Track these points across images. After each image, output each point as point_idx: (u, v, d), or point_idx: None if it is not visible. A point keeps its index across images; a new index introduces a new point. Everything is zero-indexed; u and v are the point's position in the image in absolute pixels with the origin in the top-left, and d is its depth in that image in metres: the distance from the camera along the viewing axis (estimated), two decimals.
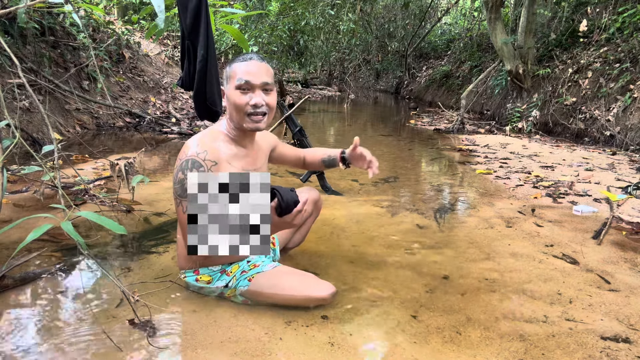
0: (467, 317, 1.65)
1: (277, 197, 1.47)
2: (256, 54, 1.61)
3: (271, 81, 1.60)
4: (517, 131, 6.73)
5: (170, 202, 2.83)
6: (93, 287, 1.76)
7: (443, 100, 10.70)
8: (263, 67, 1.58)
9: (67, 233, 1.37)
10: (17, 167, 2.78)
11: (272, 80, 1.60)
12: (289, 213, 1.49)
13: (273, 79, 1.62)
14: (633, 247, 2.37)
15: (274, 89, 1.63)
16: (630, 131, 5.26)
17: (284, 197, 1.47)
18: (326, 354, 1.39)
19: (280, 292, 1.62)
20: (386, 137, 6.24)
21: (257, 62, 1.58)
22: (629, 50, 5.82)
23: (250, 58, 1.58)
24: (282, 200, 1.47)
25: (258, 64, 1.58)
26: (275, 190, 1.48)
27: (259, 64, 1.58)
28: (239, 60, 1.58)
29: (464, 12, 14.27)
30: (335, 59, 15.97)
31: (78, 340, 1.40)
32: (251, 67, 1.56)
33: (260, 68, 1.57)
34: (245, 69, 1.56)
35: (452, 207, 3.07)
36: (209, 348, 1.39)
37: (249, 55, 1.59)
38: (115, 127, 5.55)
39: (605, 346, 1.49)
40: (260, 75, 1.57)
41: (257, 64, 1.57)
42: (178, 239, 1.68)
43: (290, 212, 1.49)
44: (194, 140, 1.57)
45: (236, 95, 1.56)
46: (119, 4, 8.63)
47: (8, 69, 4.27)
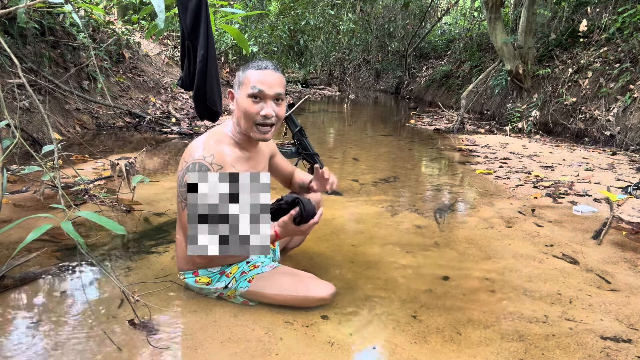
0: (467, 317, 1.65)
1: (300, 207, 1.48)
2: (272, 63, 1.59)
3: (283, 92, 1.58)
4: (517, 131, 6.73)
5: (170, 202, 2.83)
6: (93, 287, 1.76)
7: (443, 100, 10.70)
8: (277, 77, 1.57)
9: (67, 233, 1.37)
10: (17, 167, 2.78)
11: (284, 91, 1.59)
12: (306, 223, 1.51)
13: (285, 88, 1.62)
14: (633, 247, 2.37)
15: (285, 99, 1.62)
16: (630, 131, 5.26)
17: (306, 208, 1.49)
18: (326, 354, 1.39)
19: (280, 292, 1.62)
20: (386, 137, 6.24)
21: (273, 72, 1.56)
22: (629, 50, 5.82)
23: (266, 67, 1.55)
24: (304, 210, 1.48)
25: (273, 74, 1.55)
26: (298, 200, 1.50)
27: (274, 74, 1.56)
28: (254, 68, 1.55)
29: (464, 12, 14.26)
30: (335, 59, 15.97)
31: (78, 341, 1.40)
32: (266, 77, 1.54)
33: (275, 78, 1.55)
34: (260, 78, 1.53)
35: (452, 207, 3.07)
36: (209, 348, 1.39)
37: (264, 64, 1.56)
38: (115, 127, 5.55)
39: (605, 346, 1.49)
40: (274, 86, 1.55)
41: (272, 74, 1.55)
42: (177, 239, 1.67)
43: (307, 222, 1.51)
44: (199, 143, 1.55)
45: (247, 103, 1.54)
46: (119, 4, 8.62)
47: (8, 69, 4.27)
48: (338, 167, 4.15)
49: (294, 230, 1.52)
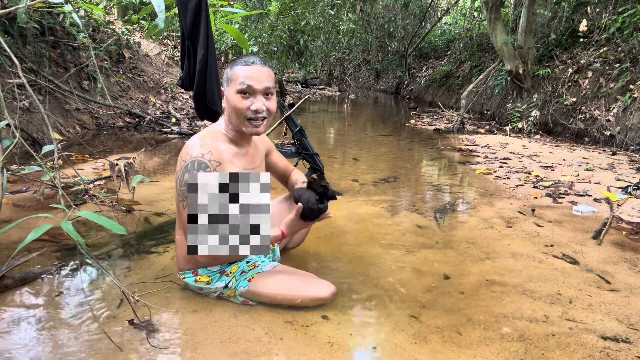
0: (467, 317, 1.65)
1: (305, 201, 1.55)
2: (259, 58, 1.59)
3: (273, 85, 1.58)
4: (517, 131, 6.73)
5: (170, 202, 2.83)
6: (93, 287, 1.76)
7: (443, 100, 10.70)
8: (265, 71, 1.57)
9: (67, 233, 1.37)
10: (17, 167, 2.78)
11: (273, 85, 1.59)
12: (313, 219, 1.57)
13: (274, 82, 1.62)
14: (633, 247, 2.37)
15: (275, 92, 1.63)
16: (630, 131, 5.26)
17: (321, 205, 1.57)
18: (326, 354, 1.39)
19: (280, 292, 1.62)
20: (386, 137, 6.24)
21: (260, 66, 1.56)
22: (629, 50, 5.82)
23: (253, 62, 1.56)
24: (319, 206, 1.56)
25: (260, 68, 1.56)
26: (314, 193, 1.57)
27: (262, 69, 1.56)
28: (241, 64, 1.56)
29: (464, 12, 14.25)
30: (335, 59, 15.97)
31: (78, 341, 1.40)
32: (253, 72, 1.54)
33: (262, 73, 1.56)
34: (248, 73, 1.54)
35: (452, 207, 3.07)
36: (209, 348, 1.39)
37: (251, 59, 1.57)
38: (115, 127, 5.55)
39: (605, 346, 1.49)
40: (263, 80, 1.55)
41: (260, 69, 1.55)
42: (177, 239, 1.67)
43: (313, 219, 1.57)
44: (196, 141, 1.56)
45: (237, 99, 1.55)
46: (119, 4, 8.62)
47: (8, 69, 4.27)
48: (338, 167, 4.15)
49: (302, 225, 1.60)
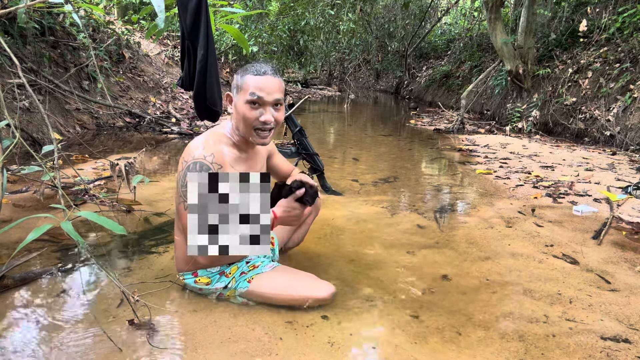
0: (467, 317, 1.65)
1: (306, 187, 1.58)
2: (270, 67, 1.56)
3: (282, 97, 1.57)
4: (517, 131, 6.73)
5: (170, 202, 2.83)
6: (93, 287, 1.76)
7: (443, 100, 10.70)
8: (276, 82, 1.54)
9: (67, 233, 1.37)
10: (17, 167, 2.79)
11: (282, 96, 1.57)
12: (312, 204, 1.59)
13: (284, 93, 1.61)
14: (633, 247, 2.37)
15: (283, 103, 1.61)
16: (630, 131, 5.26)
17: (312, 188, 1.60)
18: (326, 354, 1.39)
19: (280, 292, 1.62)
20: (386, 137, 6.24)
21: (271, 77, 1.53)
22: (629, 50, 5.82)
23: (265, 72, 1.53)
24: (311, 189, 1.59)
25: (272, 79, 1.53)
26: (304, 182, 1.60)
27: (273, 80, 1.53)
28: (253, 73, 1.53)
29: (464, 12, 14.25)
30: (335, 59, 15.98)
31: (78, 341, 1.40)
32: (265, 83, 1.52)
33: (273, 84, 1.53)
34: (259, 84, 1.51)
35: (452, 207, 3.07)
36: (209, 348, 1.39)
37: (263, 68, 1.53)
38: (115, 127, 5.55)
39: (605, 346, 1.49)
40: (273, 92, 1.53)
41: (271, 80, 1.53)
42: (176, 240, 1.67)
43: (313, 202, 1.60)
44: (198, 143, 1.55)
45: (246, 109, 1.53)
46: (119, 4, 8.62)
47: (8, 69, 4.27)
48: (338, 167, 4.15)
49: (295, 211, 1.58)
